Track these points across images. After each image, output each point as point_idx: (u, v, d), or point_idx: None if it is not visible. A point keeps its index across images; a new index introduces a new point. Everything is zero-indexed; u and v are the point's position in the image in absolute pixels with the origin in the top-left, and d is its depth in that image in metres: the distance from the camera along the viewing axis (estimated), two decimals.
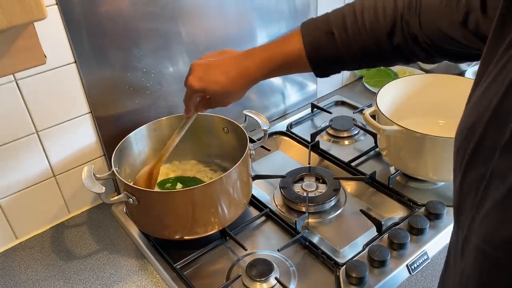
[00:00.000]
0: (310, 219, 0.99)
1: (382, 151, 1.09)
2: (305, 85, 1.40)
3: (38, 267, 0.94)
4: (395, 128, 0.94)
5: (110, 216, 1.06)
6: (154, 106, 1.07)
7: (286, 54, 0.73)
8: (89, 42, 0.92)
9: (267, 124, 0.99)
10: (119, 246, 0.98)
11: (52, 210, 1.04)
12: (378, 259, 0.84)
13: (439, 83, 1.11)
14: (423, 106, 1.12)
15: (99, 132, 1.02)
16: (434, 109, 1.12)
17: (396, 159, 1.05)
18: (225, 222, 0.91)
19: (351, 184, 1.09)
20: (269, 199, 1.06)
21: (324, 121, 1.32)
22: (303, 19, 0.76)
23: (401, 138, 0.96)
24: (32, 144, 0.95)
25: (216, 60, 0.79)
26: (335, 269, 0.85)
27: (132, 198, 0.84)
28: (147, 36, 0.99)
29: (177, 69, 1.07)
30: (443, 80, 1.11)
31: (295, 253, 0.91)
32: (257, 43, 1.20)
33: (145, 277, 0.90)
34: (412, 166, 1.01)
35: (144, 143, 1.03)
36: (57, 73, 0.92)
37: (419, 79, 1.13)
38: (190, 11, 1.04)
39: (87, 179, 0.85)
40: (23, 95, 0.89)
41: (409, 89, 1.12)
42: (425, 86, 1.12)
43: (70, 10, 0.87)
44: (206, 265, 0.90)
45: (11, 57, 0.57)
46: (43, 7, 0.53)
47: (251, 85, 0.79)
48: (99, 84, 0.97)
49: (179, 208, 0.85)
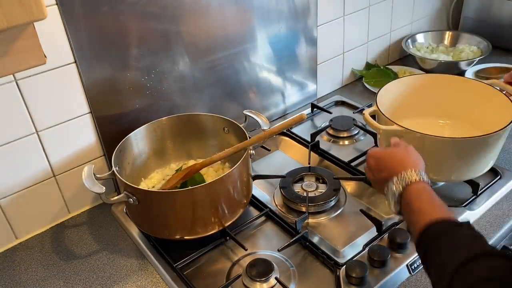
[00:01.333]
0: (310, 219, 0.99)
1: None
2: (305, 85, 1.40)
3: (38, 267, 0.94)
4: (395, 128, 0.94)
5: (110, 216, 1.06)
6: (154, 106, 1.07)
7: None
8: (89, 42, 0.92)
9: (267, 124, 0.99)
10: (119, 246, 0.98)
11: (52, 210, 1.04)
12: (378, 259, 0.84)
13: (439, 83, 1.11)
14: (423, 106, 1.12)
15: (99, 132, 1.02)
16: (434, 109, 1.12)
17: None
18: (225, 222, 0.91)
19: (351, 184, 1.09)
20: (269, 199, 1.06)
21: (324, 121, 1.32)
22: (303, 19, 0.76)
23: (401, 138, 0.96)
24: (32, 144, 0.95)
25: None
26: (335, 269, 0.85)
27: (132, 198, 0.84)
28: (147, 36, 0.99)
29: (177, 69, 1.07)
30: (443, 80, 1.11)
31: (295, 253, 0.91)
32: (257, 43, 1.20)
33: (145, 277, 0.90)
34: None
35: (144, 143, 1.03)
36: (57, 73, 0.92)
37: (418, 79, 1.13)
38: (190, 11, 1.04)
39: (87, 179, 0.85)
40: (23, 95, 0.89)
41: (409, 89, 1.12)
42: (425, 86, 1.12)
43: (70, 10, 0.87)
44: (206, 265, 0.90)
45: (11, 57, 0.57)
46: (43, 7, 0.53)
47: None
48: (99, 84, 0.97)
49: (179, 208, 0.85)
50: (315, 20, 1.31)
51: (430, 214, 0.65)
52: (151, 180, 1.04)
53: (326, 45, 1.40)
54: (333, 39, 1.42)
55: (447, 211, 0.66)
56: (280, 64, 1.29)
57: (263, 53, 1.23)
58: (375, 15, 1.50)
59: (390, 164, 0.76)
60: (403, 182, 0.71)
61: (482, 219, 0.96)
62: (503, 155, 1.14)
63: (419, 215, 0.66)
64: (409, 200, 0.70)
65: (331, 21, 1.37)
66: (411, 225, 0.68)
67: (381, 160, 0.79)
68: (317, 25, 1.33)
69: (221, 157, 0.92)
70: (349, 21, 1.43)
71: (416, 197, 0.69)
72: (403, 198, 0.71)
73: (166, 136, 1.06)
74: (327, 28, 1.37)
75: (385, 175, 0.76)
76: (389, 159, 0.78)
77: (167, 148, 1.08)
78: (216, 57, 1.14)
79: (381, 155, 0.80)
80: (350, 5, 1.40)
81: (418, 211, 0.67)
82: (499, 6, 1.63)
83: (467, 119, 1.09)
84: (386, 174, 0.75)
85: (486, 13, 1.67)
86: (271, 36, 1.22)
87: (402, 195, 0.71)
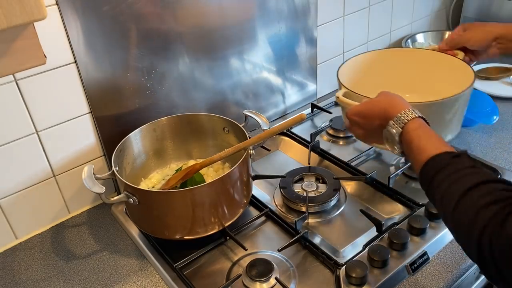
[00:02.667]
0: (310, 219, 0.99)
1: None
2: (305, 85, 1.40)
3: (38, 267, 0.94)
4: None
5: (110, 216, 1.06)
6: (154, 106, 1.07)
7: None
8: (89, 42, 0.92)
9: (267, 124, 0.99)
10: (119, 246, 0.98)
11: (52, 210, 1.04)
12: (378, 259, 0.84)
13: (393, 57, 1.16)
14: (381, 81, 1.11)
15: (99, 132, 1.02)
16: (393, 82, 1.11)
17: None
18: (225, 222, 0.91)
19: (351, 184, 1.09)
20: (269, 199, 1.06)
21: (324, 121, 1.32)
22: (303, 19, 0.76)
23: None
24: (32, 144, 0.95)
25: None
26: (335, 269, 0.85)
27: (132, 198, 0.84)
28: (147, 36, 0.99)
29: (177, 69, 1.07)
30: (395, 54, 1.17)
31: (295, 253, 0.91)
32: (257, 43, 1.20)
33: (145, 277, 0.90)
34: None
35: (144, 143, 1.03)
36: (57, 73, 0.92)
37: (370, 56, 1.16)
38: (190, 11, 1.04)
39: (87, 179, 0.85)
40: (23, 95, 0.89)
41: (364, 67, 1.14)
42: (379, 62, 1.15)
43: (70, 10, 0.88)
44: (206, 265, 0.90)
45: (11, 57, 0.57)
46: (43, 7, 0.53)
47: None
48: (99, 84, 0.97)
49: (179, 208, 0.85)
50: (315, 20, 1.31)
51: (429, 150, 0.67)
52: (151, 180, 1.04)
53: (326, 45, 1.40)
54: (333, 39, 1.42)
55: (445, 145, 0.68)
56: (280, 64, 1.29)
57: (263, 53, 1.23)
58: (375, 15, 1.50)
59: (380, 110, 0.79)
60: (400, 122, 0.74)
61: None
62: (503, 155, 1.14)
63: (418, 152, 0.69)
64: (408, 139, 0.72)
65: (331, 21, 1.37)
66: (414, 162, 0.71)
67: (366, 111, 0.82)
68: (317, 25, 1.33)
69: (221, 157, 0.92)
70: (349, 21, 1.43)
71: (414, 135, 0.72)
72: (403, 138, 0.73)
73: (166, 136, 1.06)
74: (327, 28, 1.37)
75: (379, 122, 0.79)
76: (376, 107, 0.80)
77: (167, 148, 1.08)
78: (216, 57, 1.14)
79: (363, 108, 0.83)
80: (350, 5, 1.40)
81: (417, 148, 0.70)
82: (499, 6, 1.63)
83: (424, 88, 1.12)
84: (380, 121, 0.78)
85: (486, 13, 1.67)
86: (271, 36, 1.22)
87: (402, 134, 0.73)
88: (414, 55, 1.17)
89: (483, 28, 1.08)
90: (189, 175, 0.94)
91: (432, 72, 1.12)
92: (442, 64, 1.10)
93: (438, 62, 1.10)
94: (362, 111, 0.83)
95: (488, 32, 1.07)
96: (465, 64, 1.05)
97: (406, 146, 0.73)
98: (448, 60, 1.09)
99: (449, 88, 0.95)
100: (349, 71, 1.10)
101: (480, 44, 1.08)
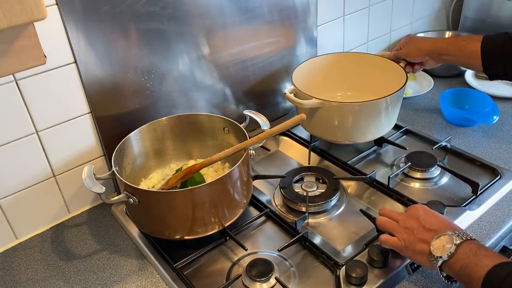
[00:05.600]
0: (310, 219, 0.99)
1: (302, 124, 1.18)
2: None
3: (38, 267, 0.94)
4: (315, 101, 1.06)
5: (110, 216, 1.06)
6: (154, 106, 1.07)
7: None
8: (89, 42, 0.92)
9: (268, 124, 0.99)
10: (119, 246, 0.98)
11: (52, 210, 1.04)
12: (378, 259, 0.84)
13: (342, 61, 1.28)
14: (331, 82, 1.28)
15: (99, 132, 1.02)
16: (340, 83, 1.29)
17: (316, 128, 1.15)
18: (225, 222, 0.91)
19: (351, 184, 1.09)
20: (269, 199, 1.06)
21: None
22: (303, 19, 0.76)
23: (320, 109, 1.07)
24: (32, 144, 0.95)
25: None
26: (335, 269, 0.85)
27: (132, 198, 0.84)
28: (147, 36, 0.99)
29: (177, 69, 1.07)
30: (345, 58, 1.28)
31: (295, 253, 0.91)
32: (257, 43, 1.20)
33: (145, 277, 0.90)
34: (331, 133, 1.13)
35: (144, 143, 1.03)
36: (57, 73, 0.92)
37: (324, 59, 1.27)
38: (190, 11, 1.04)
39: (87, 179, 0.85)
40: (23, 95, 0.89)
41: (316, 69, 1.26)
42: (330, 65, 1.28)
43: (70, 10, 0.88)
44: (206, 265, 0.90)
45: (11, 57, 0.57)
46: (43, 7, 0.53)
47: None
48: (99, 84, 0.97)
49: (179, 208, 0.85)
50: (315, 20, 1.31)
51: (490, 262, 0.67)
52: (151, 180, 1.04)
53: (326, 45, 1.40)
54: (333, 39, 1.42)
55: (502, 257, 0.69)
56: (280, 64, 1.29)
57: (263, 53, 1.23)
58: (375, 15, 1.50)
59: (439, 220, 0.79)
60: (458, 238, 0.72)
61: (482, 219, 0.96)
62: (503, 155, 1.15)
63: (477, 265, 0.68)
64: (466, 252, 0.70)
65: (331, 21, 1.37)
66: (470, 277, 0.68)
67: (429, 214, 0.81)
68: (317, 25, 1.33)
69: (221, 157, 0.92)
70: (349, 21, 1.43)
71: (473, 251, 0.70)
72: (456, 255, 0.71)
73: (166, 136, 1.06)
74: (327, 28, 1.37)
75: (436, 228, 0.77)
76: (435, 215, 0.80)
77: (167, 148, 1.08)
78: (216, 57, 1.14)
79: (427, 209, 0.82)
80: (350, 5, 1.40)
81: (475, 262, 0.68)
82: (499, 6, 1.63)
83: (368, 89, 1.23)
84: (437, 228, 0.76)
85: (486, 13, 1.67)
86: (271, 36, 1.22)
87: (454, 252, 0.71)
88: (363, 59, 1.28)
89: (416, 45, 1.19)
90: (189, 175, 0.94)
91: (375, 75, 1.25)
92: (385, 69, 1.21)
93: (383, 66, 1.22)
94: (426, 209, 0.82)
95: (419, 49, 1.18)
96: (402, 70, 1.15)
97: (456, 262, 0.71)
98: (391, 66, 1.21)
99: (387, 90, 1.07)
100: (303, 73, 1.21)
101: (416, 59, 1.20)
